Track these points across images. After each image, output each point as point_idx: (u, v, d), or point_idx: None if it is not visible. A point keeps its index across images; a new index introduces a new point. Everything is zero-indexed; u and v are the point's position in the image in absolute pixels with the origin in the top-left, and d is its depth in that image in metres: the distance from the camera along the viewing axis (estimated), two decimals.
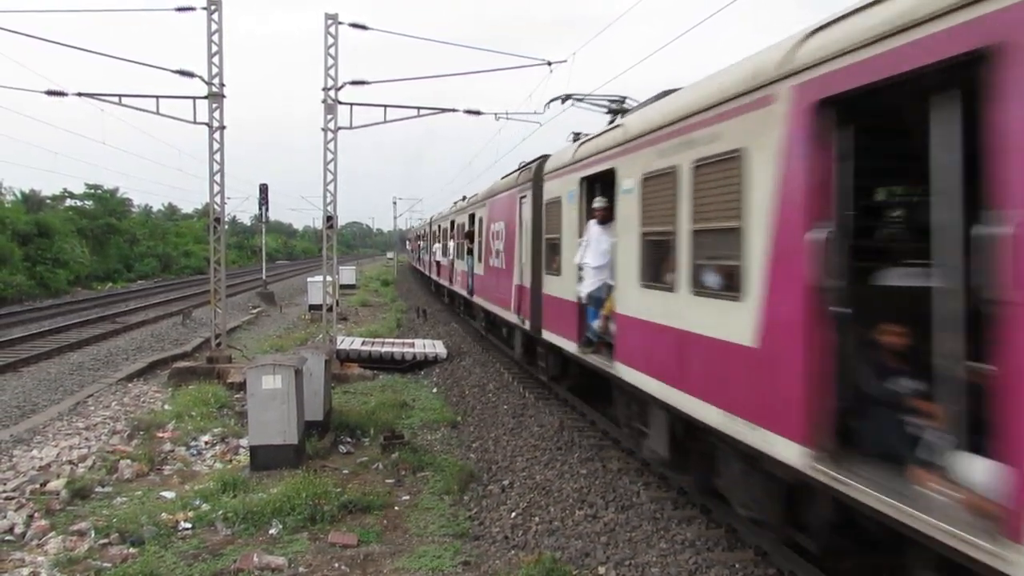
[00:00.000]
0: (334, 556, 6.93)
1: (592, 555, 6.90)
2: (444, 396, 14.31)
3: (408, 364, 17.22)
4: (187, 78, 15.72)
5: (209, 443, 10.69)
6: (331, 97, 16.60)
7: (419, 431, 11.56)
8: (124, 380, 15.44)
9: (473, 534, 7.50)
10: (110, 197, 58.17)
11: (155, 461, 9.75)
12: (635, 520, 7.73)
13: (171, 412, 12.19)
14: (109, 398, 13.76)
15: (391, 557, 6.95)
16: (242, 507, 7.78)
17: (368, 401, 13.44)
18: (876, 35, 4.31)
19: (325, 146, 16.80)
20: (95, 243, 51.33)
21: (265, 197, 33.24)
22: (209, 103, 15.60)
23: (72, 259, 44.28)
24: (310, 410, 10.17)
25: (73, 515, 7.91)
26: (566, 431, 11.21)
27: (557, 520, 7.78)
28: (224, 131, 15.70)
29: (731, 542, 7.10)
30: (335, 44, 16.47)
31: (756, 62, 5.84)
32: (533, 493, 8.62)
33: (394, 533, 7.56)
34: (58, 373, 16.40)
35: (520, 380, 15.08)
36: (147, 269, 57.28)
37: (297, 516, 7.63)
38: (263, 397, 9.32)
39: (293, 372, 9.43)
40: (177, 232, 72.98)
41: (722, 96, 6.13)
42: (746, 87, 5.76)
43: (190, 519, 7.70)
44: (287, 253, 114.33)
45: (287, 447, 9.28)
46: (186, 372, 15.39)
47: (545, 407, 12.86)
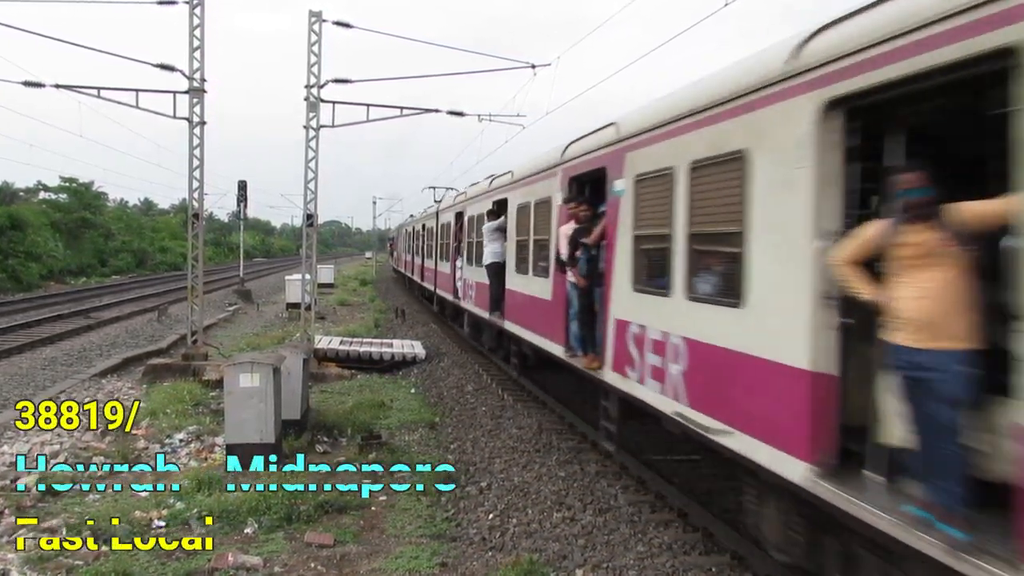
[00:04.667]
0: (310, 556, 6.88)
1: (570, 557, 6.91)
2: (422, 397, 14.27)
3: (386, 364, 17.15)
4: (167, 72, 15.59)
5: (184, 441, 10.57)
6: (314, 95, 16.49)
7: (397, 432, 11.51)
8: (98, 376, 15.22)
9: (450, 535, 7.48)
10: (85, 191, 57.31)
11: (129, 458, 9.62)
12: (613, 523, 7.75)
13: (146, 409, 12.05)
14: (83, 394, 13.55)
15: (368, 557, 6.91)
16: (218, 505, 7.70)
17: (346, 401, 13.37)
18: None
19: (307, 144, 16.69)
20: (69, 237, 50.65)
21: (244, 194, 32.96)
22: (190, 98, 15.44)
23: (45, 253, 43.65)
24: (288, 409, 10.11)
25: (44, 512, 7.78)
26: (544, 433, 11.23)
27: (535, 522, 7.79)
28: (204, 126, 15.57)
29: (708, 546, 7.15)
30: (319, 42, 16.37)
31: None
32: (511, 495, 8.62)
33: (371, 533, 7.52)
34: (30, 368, 16.14)
35: (498, 382, 15.08)
36: (122, 264, 56.56)
37: (273, 515, 7.56)
38: (241, 395, 9.24)
39: (271, 370, 9.37)
40: (153, 228, 72.17)
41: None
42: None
43: (164, 517, 7.61)
44: (265, 251, 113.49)
45: (264, 446, 9.21)
46: (161, 369, 15.21)
47: (524, 409, 12.87)
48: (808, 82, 5.00)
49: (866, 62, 4.47)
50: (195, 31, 15.28)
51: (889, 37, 4.30)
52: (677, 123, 6.91)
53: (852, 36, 4.66)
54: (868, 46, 4.46)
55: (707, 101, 6.35)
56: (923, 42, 4.05)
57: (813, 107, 4.91)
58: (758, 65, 5.76)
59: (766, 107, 5.47)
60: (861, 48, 4.51)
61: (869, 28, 4.53)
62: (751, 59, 6.11)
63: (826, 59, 4.84)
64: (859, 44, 4.54)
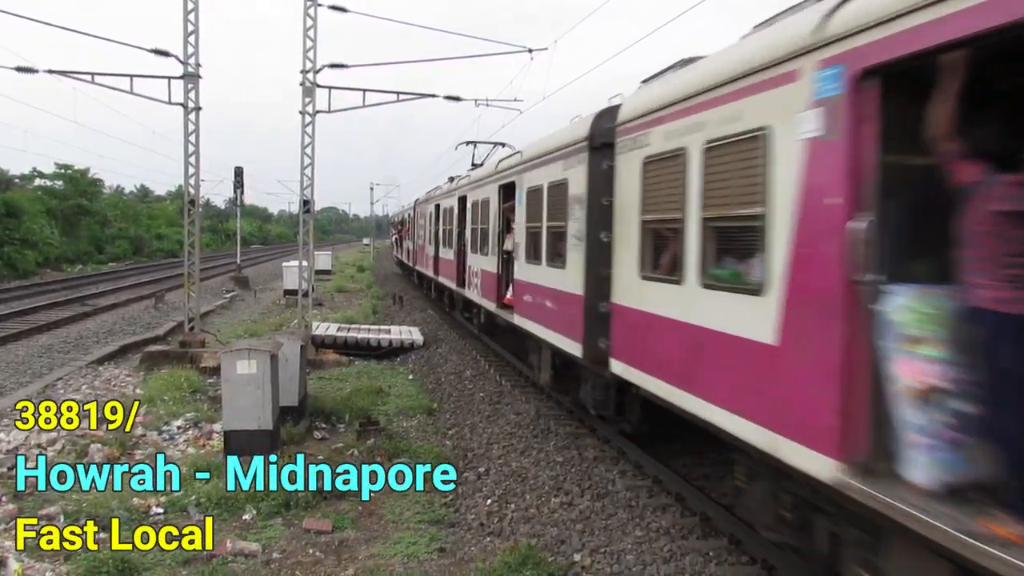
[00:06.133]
0: (308, 542, 6.89)
1: (568, 542, 6.93)
2: (420, 383, 14.28)
3: (384, 351, 17.15)
4: (162, 58, 15.48)
5: (182, 428, 10.57)
6: (309, 80, 16.39)
7: (395, 418, 11.52)
8: (95, 363, 15.19)
9: (449, 521, 7.50)
10: (81, 177, 57.04)
11: (126, 446, 9.61)
12: (611, 508, 7.77)
13: (143, 396, 12.04)
14: (79, 381, 13.53)
15: (366, 543, 6.92)
16: (216, 492, 7.71)
17: (343, 387, 13.37)
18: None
19: (303, 129, 16.60)
20: (65, 224, 50.47)
21: (240, 180, 32.89)
22: (184, 83, 15.34)
23: (41, 240, 43.50)
24: (285, 396, 10.09)
25: (42, 499, 7.78)
26: (542, 419, 11.24)
27: (533, 507, 7.80)
28: (200, 112, 15.47)
29: (705, 530, 7.18)
30: (314, 26, 16.25)
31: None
32: (509, 480, 8.64)
33: (369, 519, 7.53)
34: (26, 355, 16.11)
35: (496, 368, 15.08)
36: (119, 252, 56.43)
37: (271, 502, 7.57)
38: (238, 382, 9.22)
39: (268, 357, 9.35)
40: (150, 215, 71.97)
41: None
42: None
43: (163, 504, 7.61)
44: (262, 238, 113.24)
45: (262, 432, 9.20)
46: (158, 356, 15.20)
47: (522, 395, 12.88)
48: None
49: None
50: (189, 15, 15.15)
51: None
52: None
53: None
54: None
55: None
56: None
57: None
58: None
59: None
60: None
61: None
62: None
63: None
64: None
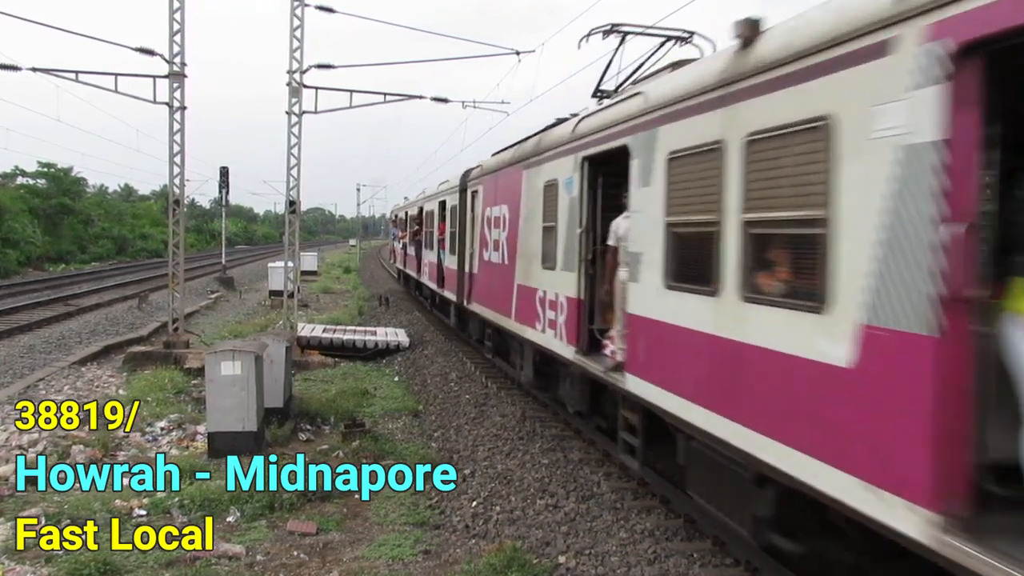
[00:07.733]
0: (293, 544, 6.86)
1: (553, 544, 6.94)
2: (406, 385, 14.25)
3: (370, 352, 17.11)
4: (147, 56, 15.38)
5: (165, 429, 10.50)
6: (296, 80, 16.35)
7: (380, 419, 11.50)
8: (77, 364, 15.07)
9: (434, 523, 7.49)
10: (64, 176, 56.49)
11: (109, 447, 9.54)
12: (596, 510, 7.79)
13: (126, 397, 11.95)
14: (61, 382, 13.42)
15: (351, 545, 6.91)
16: (199, 494, 7.66)
17: (329, 389, 13.34)
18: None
19: (289, 130, 16.55)
20: (48, 223, 50.00)
21: (226, 180, 32.69)
22: (170, 83, 15.26)
23: (23, 239, 43.08)
24: (270, 397, 10.06)
25: (23, 501, 7.71)
26: (528, 421, 11.25)
27: (518, 510, 7.81)
28: (185, 111, 15.39)
29: (689, 532, 7.21)
30: (301, 26, 16.22)
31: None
32: (494, 483, 8.64)
33: (354, 521, 7.51)
34: (8, 356, 15.94)
35: (482, 370, 15.08)
36: (102, 251, 55.98)
37: (256, 504, 7.53)
38: (222, 383, 9.18)
39: (253, 358, 9.31)
40: (134, 214, 71.40)
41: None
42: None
43: (145, 506, 7.56)
44: (247, 238, 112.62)
45: (246, 434, 9.17)
46: (142, 357, 15.09)
47: (507, 397, 12.88)
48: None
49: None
50: (175, 14, 15.07)
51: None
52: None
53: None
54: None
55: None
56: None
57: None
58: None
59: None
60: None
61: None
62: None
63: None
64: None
